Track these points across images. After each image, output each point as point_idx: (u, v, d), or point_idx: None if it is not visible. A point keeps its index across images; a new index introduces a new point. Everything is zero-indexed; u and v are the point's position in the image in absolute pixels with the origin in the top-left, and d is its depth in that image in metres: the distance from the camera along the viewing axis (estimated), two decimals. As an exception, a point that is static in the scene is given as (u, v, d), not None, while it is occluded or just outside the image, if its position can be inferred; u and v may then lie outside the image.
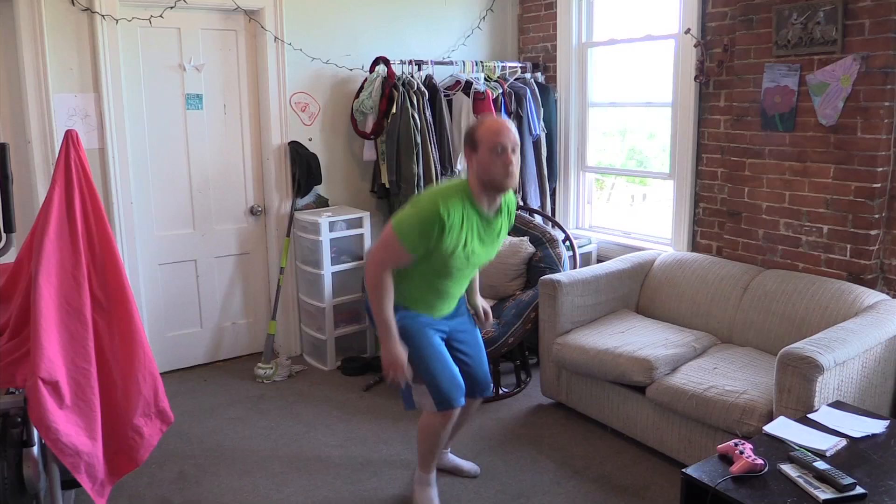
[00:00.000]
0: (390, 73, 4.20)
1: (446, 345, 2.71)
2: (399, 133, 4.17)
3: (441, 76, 4.48)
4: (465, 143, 2.51)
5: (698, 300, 3.58)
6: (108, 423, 2.38)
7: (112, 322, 2.49)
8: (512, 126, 2.49)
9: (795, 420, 2.46)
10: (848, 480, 2.00)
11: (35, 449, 2.30)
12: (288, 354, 4.44)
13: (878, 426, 2.40)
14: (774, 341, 3.20)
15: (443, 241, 2.41)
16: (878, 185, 3.13)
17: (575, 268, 4.20)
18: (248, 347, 4.47)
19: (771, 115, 3.45)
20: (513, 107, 4.47)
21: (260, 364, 4.15)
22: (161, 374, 2.66)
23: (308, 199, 4.41)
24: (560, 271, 3.94)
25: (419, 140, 4.19)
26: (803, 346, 2.61)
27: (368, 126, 4.27)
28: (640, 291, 3.89)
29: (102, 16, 3.61)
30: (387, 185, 4.31)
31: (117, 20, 3.66)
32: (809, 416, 2.48)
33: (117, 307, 2.50)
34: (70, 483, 2.42)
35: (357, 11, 4.36)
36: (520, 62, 4.83)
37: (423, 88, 4.26)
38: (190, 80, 4.01)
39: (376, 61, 4.28)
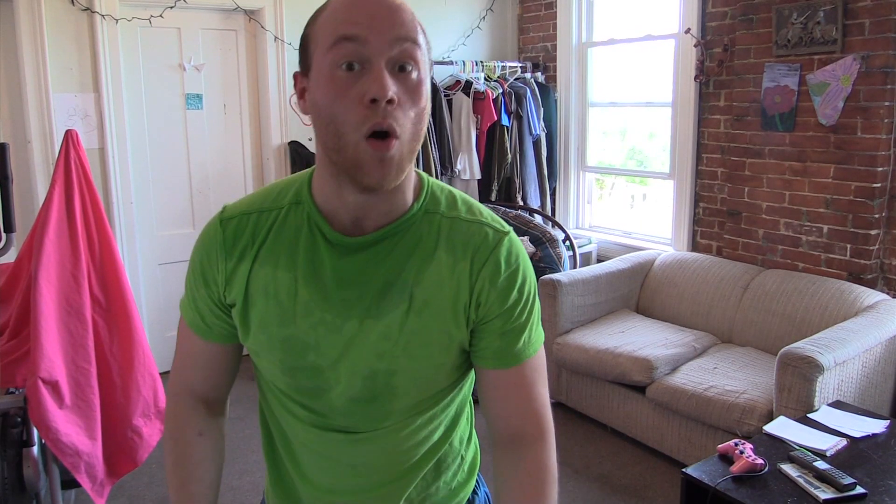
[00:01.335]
0: (390, 73, 4.19)
1: None
2: (399, 133, 4.16)
3: (441, 76, 4.48)
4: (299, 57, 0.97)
5: (698, 300, 3.58)
6: (107, 423, 2.38)
7: (112, 322, 2.49)
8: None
9: (795, 420, 2.46)
10: (848, 480, 2.00)
11: (35, 449, 2.30)
12: (288, 354, 4.43)
13: (878, 426, 2.40)
14: (774, 341, 3.20)
15: (230, 290, 1.02)
16: (879, 184, 3.13)
17: (575, 267, 4.20)
18: (248, 347, 4.47)
19: (771, 115, 3.45)
20: (513, 107, 4.48)
21: (260, 364, 4.15)
22: (161, 374, 2.66)
23: (308, 198, 4.41)
24: (560, 271, 3.94)
25: (419, 140, 4.19)
26: (803, 346, 2.61)
27: (368, 126, 4.26)
28: (640, 291, 3.89)
29: (102, 16, 3.61)
30: (387, 185, 4.30)
31: (117, 20, 3.66)
32: (809, 415, 2.48)
33: (117, 307, 2.50)
34: (70, 483, 2.42)
35: (357, 11, 4.36)
36: (520, 62, 4.83)
37: (423, 88, 4.25)
38: (190, 79, 4.00)
39: (376, 61, 4.28)
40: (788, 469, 2.11)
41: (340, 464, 1.05)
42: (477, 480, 1.20)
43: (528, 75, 4.66)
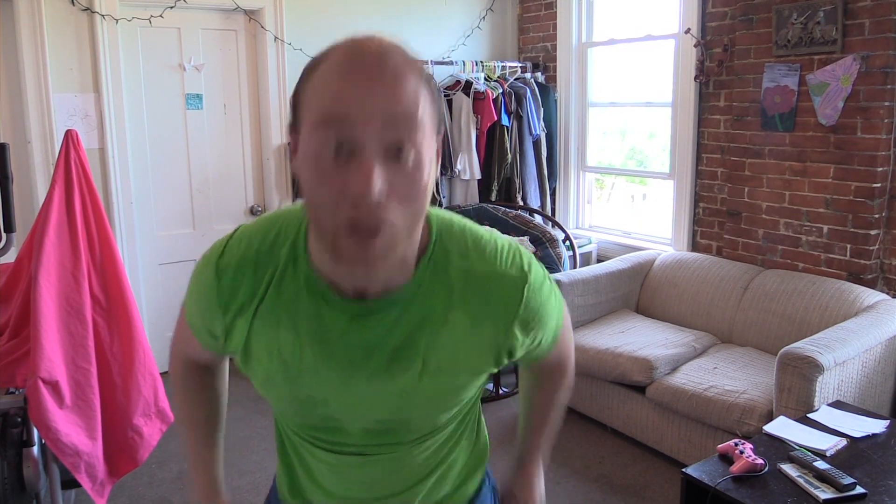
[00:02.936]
0: (390, 73, 4.19)
1: None
2: (399, 133, 4.16)
3: (441, 76, 4.48)
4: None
5: (698, 300, 3.58)
6: (107, 422, 2.38)
7: (112, 322, 2.49)
8: (399, 58, 0.83)
9: (795, 420, 2.46)
10: (848, 480, 2.00)
11: (35, 449, 2.30)
12: (288, 354, 4.43)
13: (878, 426, 2.40)
14: (774, 341, 3.20)
15: (230, 341, 0.99)
16: (878, 184, 3.13)
17: (575, 267, 4.20)
18: (248, 347, 4.47)
19: (771, 115, 3.45)
20: (513, 107, 4.48)
21: (260, 364, 4.14)
22: (161, 374, 2.66)
23: (308, 198, 4.41)
24: (560, 271, 3.94)
25: (419, 140, 4.19)
26: (803, 346, 2.61)
27: (368, 126, 4.27)
28: (640, 291, 3.89)
29: (102, 16, 3.61)
30: (387, 185, 4.30)
31: (117, 20, 3.66)
32: (809, 415, 2.48)
33: (117, 307, 2.50)
34: (70, 483, 2.42)
35: (357, 11, 4.36)
36: (520, 62, 4.83)
37: (423, 88, 4.26)
38: (190, 79, 4.00)
39: (376, 61, 4.28)
40: (788, 469, 2.12)
41: (353, 479, 1.06)
42: (486, 473, 1.21)
43: (528, 75, 4.66)
